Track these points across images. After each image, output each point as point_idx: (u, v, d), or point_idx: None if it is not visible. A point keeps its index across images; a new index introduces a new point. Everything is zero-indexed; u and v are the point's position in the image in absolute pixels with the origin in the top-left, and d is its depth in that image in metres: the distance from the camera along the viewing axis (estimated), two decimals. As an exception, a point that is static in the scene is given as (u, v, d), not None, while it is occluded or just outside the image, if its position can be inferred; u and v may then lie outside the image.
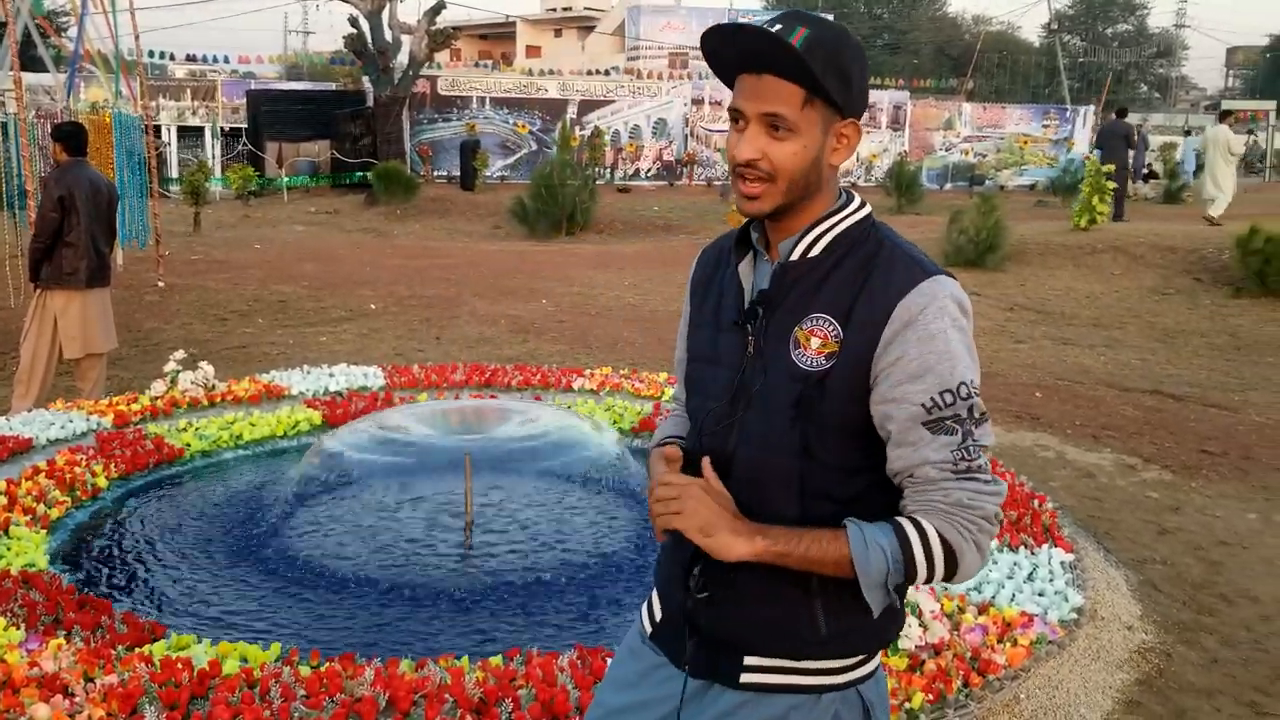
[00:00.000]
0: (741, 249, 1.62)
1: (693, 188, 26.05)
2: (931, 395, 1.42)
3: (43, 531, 4.15)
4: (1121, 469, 5.93)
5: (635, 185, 25.74)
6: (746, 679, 1.54)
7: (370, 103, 23.98)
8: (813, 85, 1.46)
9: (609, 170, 25.84)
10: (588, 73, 35.71)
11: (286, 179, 23.11)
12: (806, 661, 1.53)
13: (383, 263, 14.20)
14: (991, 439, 1.47)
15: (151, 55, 28.58)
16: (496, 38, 55.80)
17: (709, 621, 1.55)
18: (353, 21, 22.70)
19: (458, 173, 23.70)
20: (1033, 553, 4.00)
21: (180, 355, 6.18)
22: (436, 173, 24.65)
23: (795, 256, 1.54)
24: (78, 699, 2.68)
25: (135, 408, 5.72)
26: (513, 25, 54.14)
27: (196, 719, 2.65)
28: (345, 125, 23.78)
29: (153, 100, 21.28)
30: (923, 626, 3.22)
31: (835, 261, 1.52)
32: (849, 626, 1.52)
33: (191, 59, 39.14)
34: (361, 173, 22.67)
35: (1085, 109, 31.44)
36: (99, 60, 12.49)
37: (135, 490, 4.88)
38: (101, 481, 4.77)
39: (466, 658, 3.00)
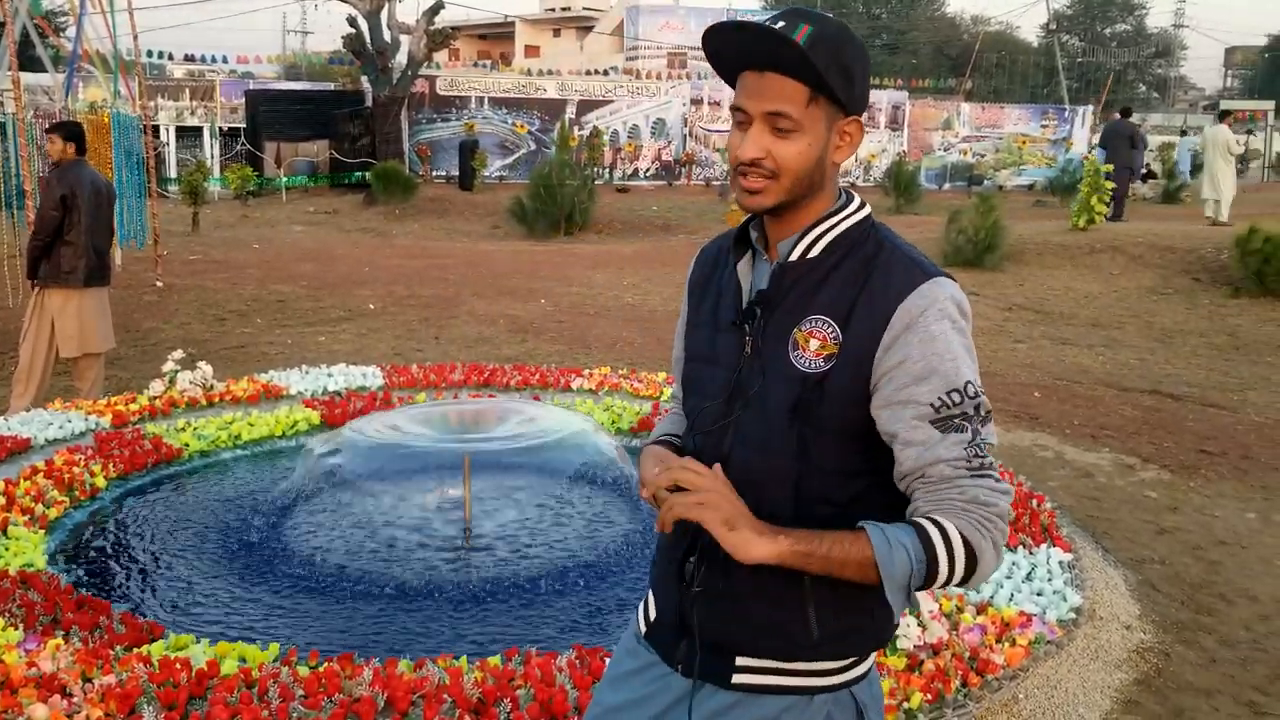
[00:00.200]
0: (740, 248, 1.61)
1: (691, 187, 26.03)
2: (939, 395, 1.41)
3: (41, 531, 4.14)
4: (1120, 469, 5.93)
5: (634, 185, 25.72)
6: (738, 679, 1.54)
7: (369, 103, 23.95)
8: (817, 83, 1.45)
9: (608, 170, 25.82)
10: (586, 73, 35.72)
11: (285, 179, 23.09)
12: (798, 663, 1.52)
13: (381, 263, 14.19)
14: (995, 437, 1.46)
15: (150, 55, 28.56)
16: (495, 38, 55.83)
17: (701, 622, 1.54)
18: (351, 21, 22.68)
19: (456, 173, 23.67)
20: (1031, 552, 4.00)
21: (178, 355, 6.19)
22: (435, 173, 24.63)
23: (794, 257, 1.53)
24: (76, 699, 2.68)
25: (133, 408, 5.72)
26: (511, 25, 54.16)
27: (195, 719, 2.65)
28: (344, 125, 23.76)
29: (151, 100, 21.27)
30: (921, 626, 3.22)
31: (835, 262, 1.51)
32: (842, 629, 1.51)
33: (190, 59, 39.20)
34: (360, 173, 22.65)
35: (1084, 109, 31.48)
36: (97, 60, 12.49)
37: (133, 490, 4.88)
38: (100, 481, 4.77)
39: (465, 658, 3.00)
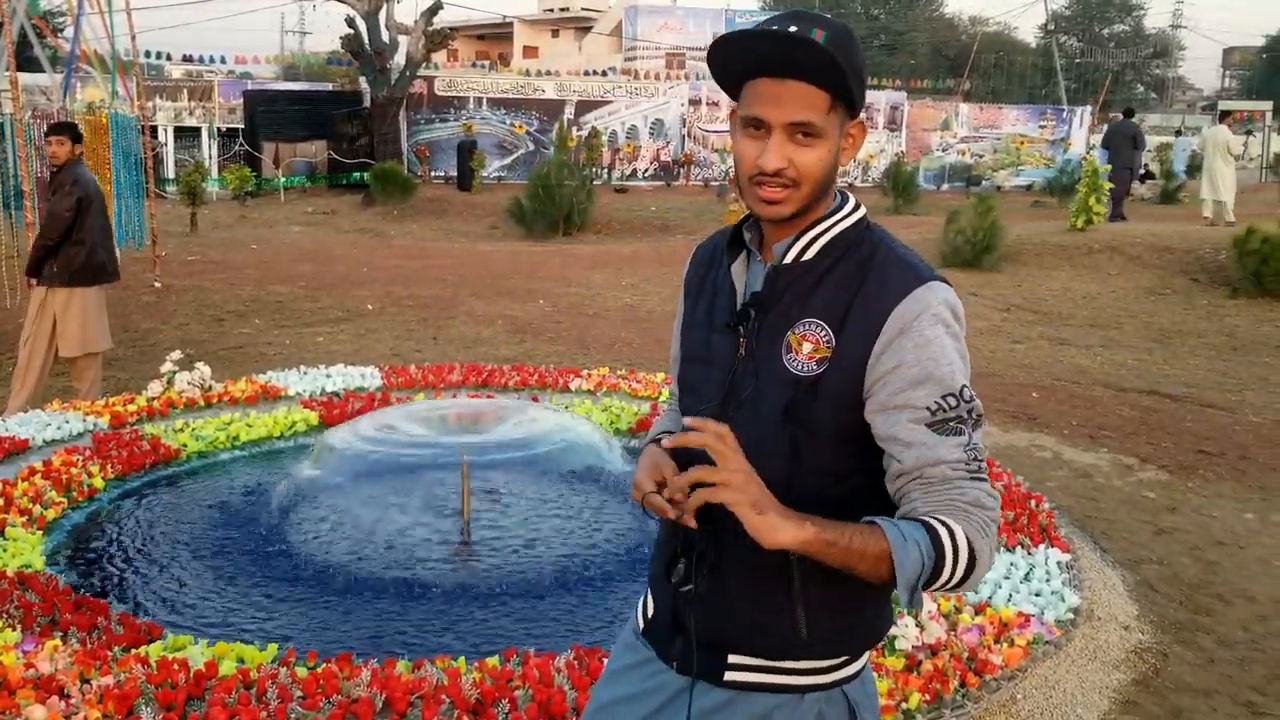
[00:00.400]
0: (734, 249, 1.60)
1: (690, 188, 26.02)
2: (935, 399, 1.41)
3: (39, 532, 4.14)
4: (1118, 469, 5.93)
5: (632, 185, 25.72)
6: (730, 677, 1.55)
7: (367, 103, 23.92)
8: (838, 88, 1.43)
9: (606, 170, 25.80)
10: (585, 73, 35.68)
11: (283, 179, 23.07)
12: (788, 661, 1.53)
13: (380, 263, 14.18)
14: (983, 442, 1.47)
15: (148, 55, 28.56)
16: (494, 38, 55.83)
17: (693, 620, 1.55)
18: (349, 22, 22.66)
19: (455, 173, 23.64)
20: (1029, 553, 4.00)
21: (177, 356, 6.19)
22: (434, 173, 24.61)
23: (789, 259, 1.53)
24: (74, 700, 2.68)
25: (132, 408, 5.72)
26: (510, 26, 54.15)
27: (193, 719, 2.65)
28: (342, 126, 23.73)
29: (149, 101, 21.28)
30: (919, 627, 3.22)
31: (829, 265, 1.51)
32: (835, 629, 1.52)
33: (188, 59, 39.18)
34: (358, 173, 22.62)
35: (1082, 109, 31.49)
36: (95, 61, 12.50)
37: (132, 491, 4.88)
38: (98, 482, 4.77)
39: (463, 658, 3.00)
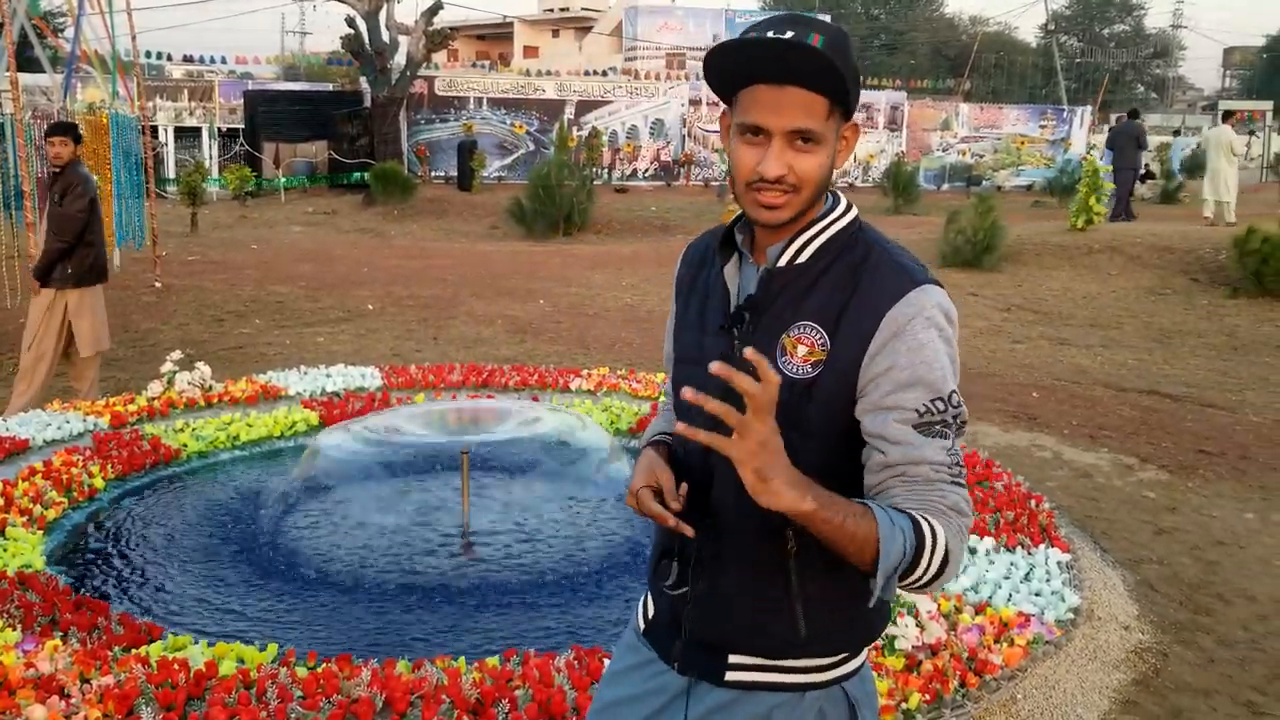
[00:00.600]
0: (726, 250, 1.60)
1: (690, 188, 26.02)
2: (924, 402, 1.42)
3: (39, 532, 4.14)
4: (1118, 469, 5.93)
5: (632, 185, 25.72)
6: (731, 677, 1.55)
7: (367, 103, 23.93)
8: (838, 93, 1.43)
9: (606, 170, 25.80)
10: (585, 73, 35.70)
11: (284, 179, 23.07)
12: (788, 660, 1.54)
13: (380, 263, 14.18)
14: (960, 449, 1.48)
15: (148, 56, 28.56)
16: (494, 38, 55.83)
17: (692, 621, 1.56)
18: (350, 22, 22.67)
19: (455, 173, 23.64)
20: (1029, 553, 4.00)
21: (177, 356, 6.18)
22: (434, 173, 24.62)
23: (783, 262, 1.52)
24: (74, 700, 2.68)
25: (132, 408, 5.72)
26: (510, 26, 54.16)
27: (193, 719, 2.65)
28: (342, 126, 23.74)
29: (149, 101, 21.27)
30: (919, 626, 3.22)
31: (823, 268, 1.51)
32: (831, 626, 1.53)
33: (188, 59, 39.20)
34: (359, 173, 22.62)
35: (1082, 109, 31.49)
36: (96, 61, 12.50)
37: (132, 491, 4.88)
38: (98, 482, 4.77)
39: (463, 658, 3.00)
